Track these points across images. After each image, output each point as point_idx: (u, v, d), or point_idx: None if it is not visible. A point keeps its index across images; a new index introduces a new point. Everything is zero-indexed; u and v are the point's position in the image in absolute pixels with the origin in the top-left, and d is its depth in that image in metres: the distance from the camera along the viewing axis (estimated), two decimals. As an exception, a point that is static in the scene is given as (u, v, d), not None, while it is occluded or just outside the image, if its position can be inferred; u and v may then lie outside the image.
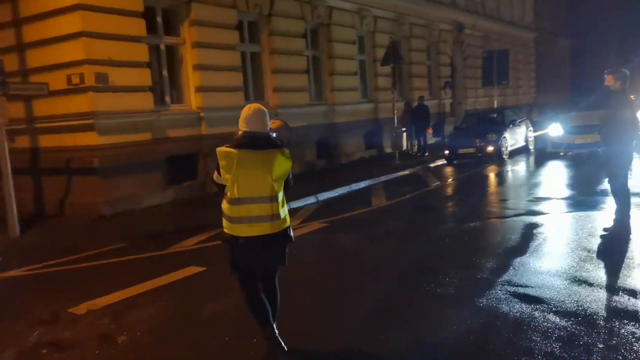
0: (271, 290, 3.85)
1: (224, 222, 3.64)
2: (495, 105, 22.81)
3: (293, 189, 3.93)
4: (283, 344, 3.72)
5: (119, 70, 9.76)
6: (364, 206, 9.52)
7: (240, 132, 3.65)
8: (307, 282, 5.49)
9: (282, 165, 3.61)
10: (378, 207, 9.51)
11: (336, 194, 11.07)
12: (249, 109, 3.68)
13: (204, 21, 11.38)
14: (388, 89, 17.31)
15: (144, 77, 10.25)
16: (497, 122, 15.25)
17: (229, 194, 3.58)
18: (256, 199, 3.56)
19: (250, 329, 3.92)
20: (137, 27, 10.07)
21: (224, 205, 3.62)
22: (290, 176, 3.77)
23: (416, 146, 16.71)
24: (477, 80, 24.11)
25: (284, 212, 3.70)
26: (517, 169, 13.42)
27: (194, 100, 11.55)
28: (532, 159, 15.11)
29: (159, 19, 10.89)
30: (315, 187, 11.25)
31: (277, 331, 3.74)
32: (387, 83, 17.53)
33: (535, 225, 7.21)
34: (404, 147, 15.58)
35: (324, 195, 10.75)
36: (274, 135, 3.83)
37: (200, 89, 11.47)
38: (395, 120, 15.26)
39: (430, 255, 6.33)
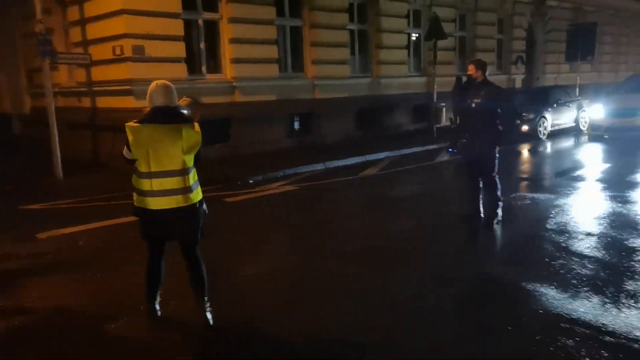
0: (194, 266, 3.94)
1: (134, 195, 3.76)
2: (578, 82, 21.59)
3: (305, 153, 4.64)
4: (210, 319, 3.90)
5: (155, 43, 11.22)
6: (352, 174, 10.29)
7: (148, 108, 3.77)
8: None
9: (192, 138, 3.67)
10: (363, 176, 10.24)
11: (347, 163, 11.79)
12: (154, 84, 3.74)
13: (240, -2, 12.51)
14: (445, 63, 17.45)
15: (178, 49, 11.65)
16: (540, 101, 14.81)
17: (139, 168, 3.68)
18: (167, 172, 3.64)
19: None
20: (174, 4, 11.43)
21: (134, 179, 3.72)
22: (201, 150, 3.81)
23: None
24: (560, 55, 22.90)
25: (197, 184, 3.81)
26: (543, 150, 13.05)
27: (228, 70, 12.80)
28: (571, 140, 14.42)
29: (198, -4, 12.21)
30: (332, 155, 12.10)
31: (208, 305, 3.93)
32: (444, 57, 17.62)
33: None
34: (443, 122, 15.71)
35: (333, 164, 11.56)
36: (185, 111, 3.95)
37: (234, 61, 12.68)
38: (435, 95, 15.42)
39: (345, 223, 7.06)
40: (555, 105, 14.74)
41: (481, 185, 6.36)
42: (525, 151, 12.88)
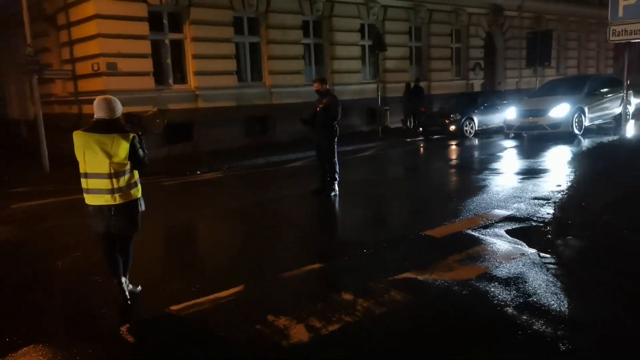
0: (124, 253, 4.62)
1: None
2: (537, 85, 23.47)
3: (257, 151, 7.23)
4: (127, 295, 4.57)
5: (126, 60, 13.72)
6: (280, 166, 12.65)
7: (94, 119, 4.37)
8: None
9: (122, 147, 4.24)
10: (287, 167, 12.62)
11: (287, 158, 14.03)
12: (97, 99, 4.33)
13: (201, 20, 14.93)
14: (397, 71, 19.68)
15: (146, 65, 14.12)
16: (470, 104, 16.86)
17: (80, 168, 4.30)
18: (98, 174, 4.28)
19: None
20: (142, 28, 13.92)
21: None
22: (141, 155, 4.40)
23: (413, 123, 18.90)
24: (522, 61, 24.76)
25: (129, 186, 4.37)
26: (465, 145, 15.09)
27: (192, 81, 15.24)
28: (491, 138, 16.09)
29: (164, 21, 14.67)
30: (278, 152, 14.43)
31: (126, 283, 4.62)
32: (398, 65, 19.85)
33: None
34: (387, 123, 17.90)
35: (273, 158, 13.83)
36: (134, 120, 4.67)
37: (197, 73, 15.11)
38: (379, 99, 17.61)
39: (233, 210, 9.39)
40: (482, 108, 16.79)
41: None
42: (440, 146, 15.02)
